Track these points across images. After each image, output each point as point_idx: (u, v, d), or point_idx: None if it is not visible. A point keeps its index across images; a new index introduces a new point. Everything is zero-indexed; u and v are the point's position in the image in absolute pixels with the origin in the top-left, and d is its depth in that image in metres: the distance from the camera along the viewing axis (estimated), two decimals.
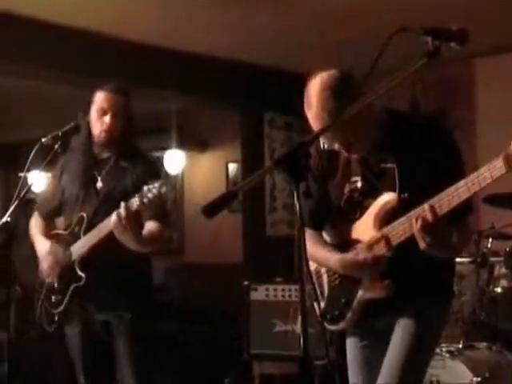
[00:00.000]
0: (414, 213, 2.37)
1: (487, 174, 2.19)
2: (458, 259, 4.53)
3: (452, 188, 2.26)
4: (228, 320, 6.15)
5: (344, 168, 2.66)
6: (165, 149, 7.60)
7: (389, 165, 2.54)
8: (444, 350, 3.98)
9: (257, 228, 6.66)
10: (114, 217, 3.06)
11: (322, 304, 2.77)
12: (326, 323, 2.73)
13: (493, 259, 4.40)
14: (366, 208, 2.58)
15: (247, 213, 6.69)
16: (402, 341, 2.59)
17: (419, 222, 2.31)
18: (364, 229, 2.58)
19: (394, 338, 2.61)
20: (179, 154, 7.68)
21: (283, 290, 5.32)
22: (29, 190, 3.23)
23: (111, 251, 3.16)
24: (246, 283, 5.41)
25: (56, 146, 3.24)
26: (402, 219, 2.43)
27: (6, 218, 3.06)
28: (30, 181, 3.42)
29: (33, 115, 7.67)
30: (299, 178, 1.95)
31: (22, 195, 3.13)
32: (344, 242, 2.67)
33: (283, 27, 5.47)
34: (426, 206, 2.31)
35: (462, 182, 2.24)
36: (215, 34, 5.60)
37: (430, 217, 2.30)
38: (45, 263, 3.40)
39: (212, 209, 2.00)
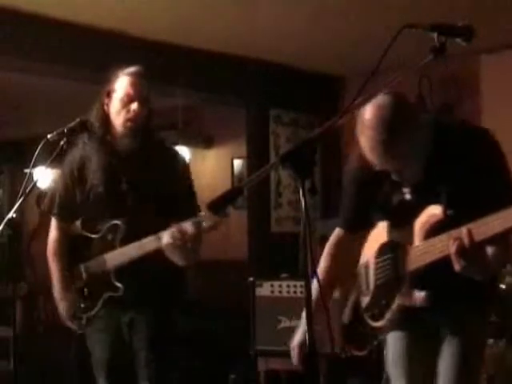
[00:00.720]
0: (454, 232, 2.35)
1: None
2: None
3: (490, 217, 2.23)
4: (233, 316, 6.16)
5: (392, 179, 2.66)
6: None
7: (437, 178, 2.54)
8: None
9: (262, 224, 6.66)
10: (166, 238, 2.95)
11: (367, 299, 2.81)
12: (367, 318, 2.79)
13: None
14: (414, 219, 2.58)
15: (252, 209, 6.68)
16: (451, 358, 2.62)
17: (455, 244, 2.30)
18: (410, 236, 2.58)
19: (444, 354, 2.64)
20: (184, 150, 7.67)
21: (288, 286, 5.32)
22: (34, 186, 3.21)
23: (149, 260, 3.06)
24: (251, 279, 5.41)
25: (61, 143, 3.15)
26: (443, 236, 2.41)
27: (11, 214, 3.05)
28: (35, 177, 3.39)
29: (39, 112, 7.68)
30: (305, 174, 1.94)
31: (27, 191, 3.12)
32: (388, 242, 2.71)
33: (290, 24, 5.46)
34: (463, 230, 2.29)
35: (500, 214, 2.19)
36: (221, 30, 5.59)
37: (466, 241, 2.28)
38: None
39: (217, 205, 2.00)
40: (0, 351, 5.45)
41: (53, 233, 3.39)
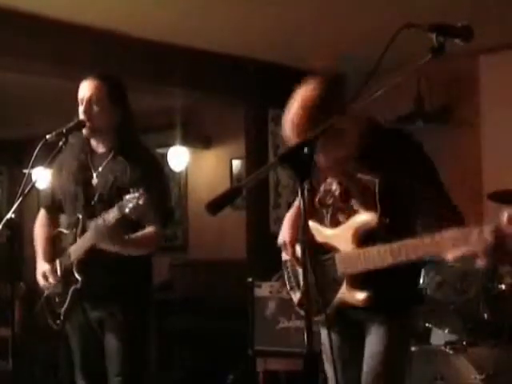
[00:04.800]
0: (385, 249, 2.44)
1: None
2: None
3: (412, 241, 2.34)
4: (232, 316, 6.16)
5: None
6: (169, 145, 7.61)
7: (367, 177, 2.58)
8: (448, 346, 3.97)
9: (261, 224, 6.65)
10: (91, 230, 3.06)
11: (298, 294, 2.89)
12: (302, 312, 2.81)
13: None
14: (339, 212, 2.68)
15: (251, 209, 6.68)
16: (377, 346, 2.69)
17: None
18: (343, 240, 2.64)
19: (370, 342, 2.72)
20: (183, 150, 7.68)
21: None
22: (33, 186, 3.22)
23: (108, 252, 3.13)
24: (249, 280, 5.41)
25: (60, 143, 3.18)
26: (380, 248, 2.48)
27: (10, 215, 3.05)
28: (34, 177, 3.40)
29: (38, 112, 7.68)
30: (303, 174, 1.94)
31: (26, 192, 3.12)
32: (319, 243, 2.75)
33: (288, 24, 5.46)
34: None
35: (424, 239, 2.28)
36: (220, 30, 5.59)
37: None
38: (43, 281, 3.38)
39: (216, 206, 2.00)
40: None
41: (40, 218, 3.55)
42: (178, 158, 7.66)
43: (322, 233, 2.76)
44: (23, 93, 7.00)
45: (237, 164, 7.59)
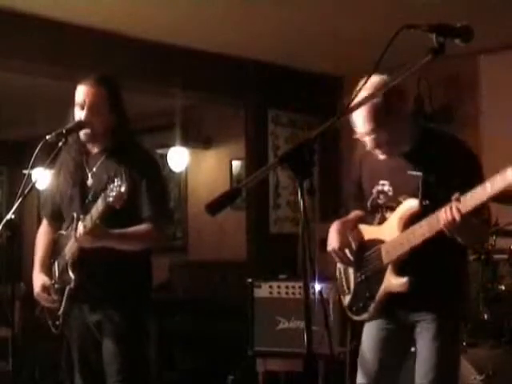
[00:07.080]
0: (433, 215, 2.57)
1: (501, 182, 2.33)
2: None
3: (469, 193, 2.45)
4: (232, 317, 6.15)
5: (372, 170, 2.91)
6: (169, 146, 7.61)
7: (415, 172, 2.74)
8: None
9: (260, 225, 6.66)
10: (78, 231, 3.03)
11: (348, 297, 3.01)
12: (351, 314, 3.00)
13: (497, 257, 4.38)
14: (387, 211, 2.83)
15: (251, 210, 6.68)
16: (429, 346, 2.78)
17: (446, 215, 2.49)
18: (389, 231, 2.80)
19: (422, 342, 2.81)
20: (183, 151, 7.68)
21: (287, 287, 5.31)
22: (33, 187, 3.21)
23: (102, 251, 3.09)
24: (249, 280, 5.41)
25: (60, 144, 3.17)
26: (423, 222, 2.63)
27: (10, 215, 3.05)
28: (34, 178, 3.39)
29: (38, 112, 7.68)
30: (304, 175, 1.95)
31: (25, 192, 3.12)
32: (367, 241, 2.92)
33: (288, 25, 5.46)
34: (452, 205, 2.48)
35: (477, 189, 2.42)
36: (220, 30, 5.60)
37: (455, 213, 2.47)
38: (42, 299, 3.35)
39: (215, 206, 2.00)
40: None
41: (42, 227, 3.52)
42: (178, 158, 7.66)
43: (369, 231, 2.92)
44: (23, 93, 7.00)
45: (237, 165, 7.59)
